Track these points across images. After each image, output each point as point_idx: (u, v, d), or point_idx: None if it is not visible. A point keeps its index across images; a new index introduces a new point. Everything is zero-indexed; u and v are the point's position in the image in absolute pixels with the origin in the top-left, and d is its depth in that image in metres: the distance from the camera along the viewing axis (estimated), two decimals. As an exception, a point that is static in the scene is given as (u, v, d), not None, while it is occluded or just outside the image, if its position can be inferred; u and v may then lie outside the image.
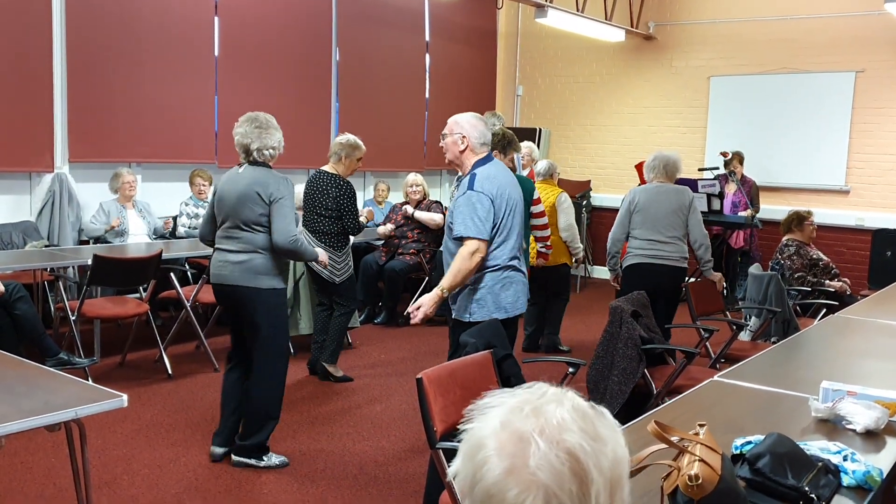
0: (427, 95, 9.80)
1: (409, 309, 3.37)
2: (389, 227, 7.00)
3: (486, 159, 3.54)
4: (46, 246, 6.05)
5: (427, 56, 9.73)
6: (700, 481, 1.62)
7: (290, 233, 3.68)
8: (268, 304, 3.72)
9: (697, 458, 1.69)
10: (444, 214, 6.90)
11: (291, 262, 5.53)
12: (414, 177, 7.29)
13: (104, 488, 3.53)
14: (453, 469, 1.00)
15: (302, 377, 5.31)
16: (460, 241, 3.39)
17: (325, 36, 8.64)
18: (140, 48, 6.96)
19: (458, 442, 1.02)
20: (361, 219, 5.25)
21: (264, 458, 3.83)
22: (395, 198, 8.73)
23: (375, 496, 3.61)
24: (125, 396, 2.58)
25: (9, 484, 3.54)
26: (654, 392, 3.71)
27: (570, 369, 3.20)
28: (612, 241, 5.14)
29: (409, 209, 7.06)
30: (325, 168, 5.15)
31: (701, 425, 1.85)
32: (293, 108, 8.36)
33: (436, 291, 3.34)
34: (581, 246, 6.17)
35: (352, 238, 5.38)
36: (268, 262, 3.70)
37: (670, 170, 5.00)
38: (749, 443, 2.09)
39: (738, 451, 2.08)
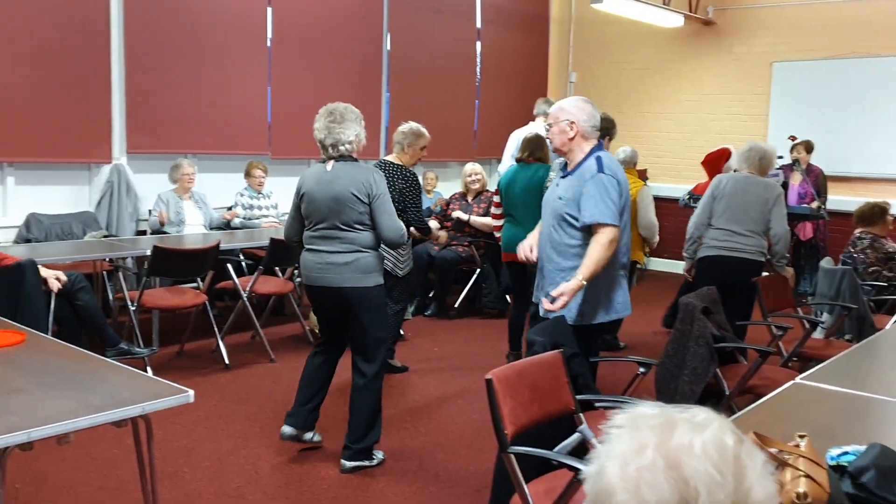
0: (478, 83, 9.69)
1: (554, 293, 3.17)
2: (444, 234, 6.81)
3: (599, 147, 3.42)
4: (105, 236, 6.12)
5: (478, 43, 9.61)
6: (809, 500, 1.51)
7: (399, 229, 3.64)
8: (374, 301, 3.67)
9: (802, 473, 1.58)
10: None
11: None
12: (472, 166, 7.13)
13: (167, 480, 3.53)
14: None
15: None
16: (588, 229, 3.25)
17: (377, 24, 8.58)
18: (196, 39, 6.98)
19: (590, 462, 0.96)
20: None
21: (374, 455, 3.77)
22: (444, 188, 8.66)
23: (435, 493, 3.55)
24: (191, 392, 2.55)
25: (73, 474, 3.56)
26: (727, 392, 3.57)
27: (641, 369, 3.09)
28: (695, 226, 4.89)
29: (463, 216, 6.89)
30: (390, 158, 4.95)
31: (801, 436, 1.73)
32: (343, 97, 8.21)
33: (577, 280, 3.16)
34: (658, 240, 5.88)
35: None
36: (373, 260, 3.64)
37: (764, 163, 4.78)
38: (846, 453, 1.96)
39: (834, 463, 1.95)
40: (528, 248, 3.59)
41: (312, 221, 3.65)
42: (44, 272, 4.35)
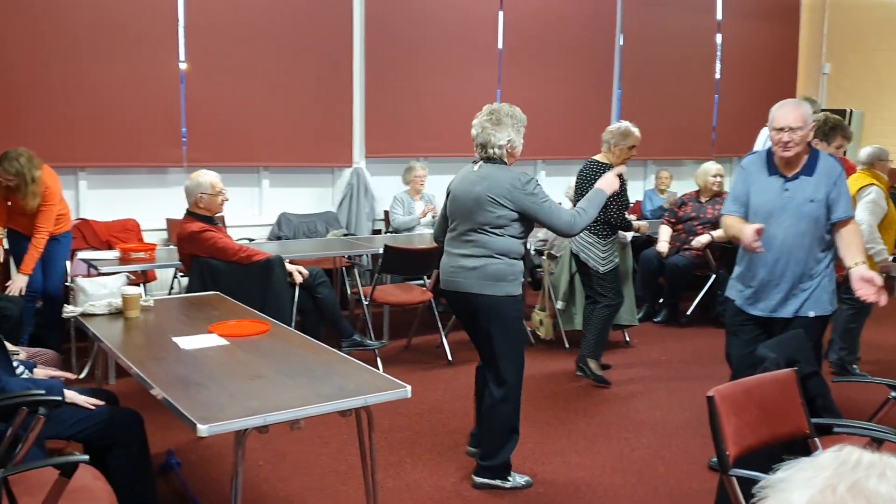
0: (718, 77, 9.19)
1: (865, 279, 3.16)
2: (644, 224, 6.44)
3: (817, 153, 3.51)
4: (345, 235, 6.56)
5: (718, 36, 9.12)
6: None
7: (568, 222, 3.41)
8: (504, 312, 3.45)
9: None
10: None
11: (567, 255, 5.44)
12: (716, 166, 6.67)
13: (389, 469, 3.70)
14: None
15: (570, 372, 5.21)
16: (832, 225, 3.38)
17: (609, 22, 8.43)
18: (429, 46, 7.28)
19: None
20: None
21: (509, 478, 3.54)
22: (678, 187, 8.30)
23: (655, 509, 3.41)
24: (409, 388, 2.65)
25: (306, 457, 3.84)
26: None
27: (893, 394, 2.75)
28: None
29: (704, 239, 6.33)
30: (597, 157, 4.93)
31: None
32: (573, 96, 8.27)
33: (863, 266, 3.22)
34: (881, 247, 5.10)
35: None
36: (504, 268, 3.42)
37: None
38: None
39: None
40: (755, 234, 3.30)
41: (453, 222, 3.54)
42: (289, 267, 4.73)
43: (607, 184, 3.64)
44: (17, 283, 4.83)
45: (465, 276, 3.45)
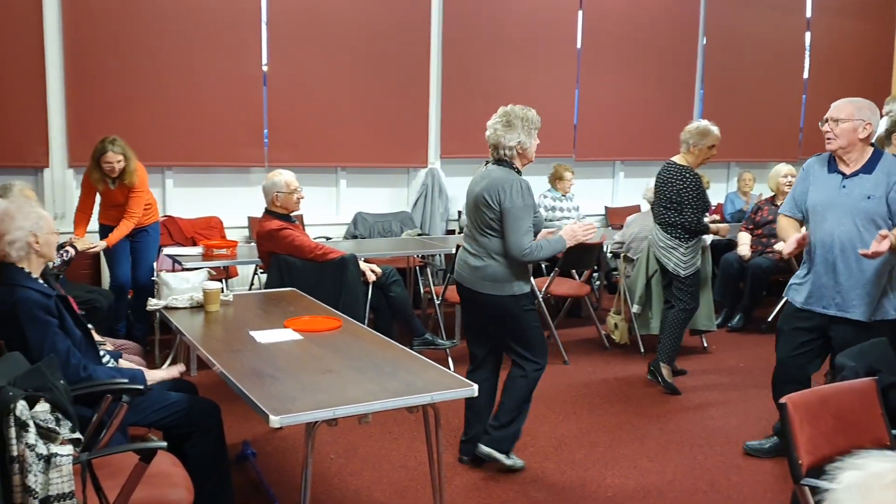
0: (806, 77, 8.90)
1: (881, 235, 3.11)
2: (725, 226, 6.24)
3: (880, 152, 3.37)
4: (419, 234, 6.62)
5: (807, 34, 8.83)
6: None
7: (521, 247, 3.41)
8: (511, 309, 3.53)
9: None
10: None
11: (644, 258, 5.36)
12: (787, 167, 6.53)
13: (457, 467, 3.73)
14: None
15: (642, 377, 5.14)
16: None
17: (692, 21, 8.27)
18: (507, 46, 7.29)
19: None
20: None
21: (511, 455, 3.69)
22: (762, 190, 8.06)
23: (727, 518, 3.33)
24: (475, 387, 2.68)
25: (377, 451, 3.90)
26: None
27: None
28: None
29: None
30: (675, 158, 4.82)
31: None
32: (654, 97, 8.15)
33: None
34: None
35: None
36: (501, 269, 3.48)
37: None
38: None
39: None
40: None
41: (467, 220, 3.71)
42: (362, 266, 4.81)
43: (571, 235, 3.63)
44: (98, 247, 5.11)
45: (470, 273, 3.59)
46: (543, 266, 6.33)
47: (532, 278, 3.76)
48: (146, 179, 5.26)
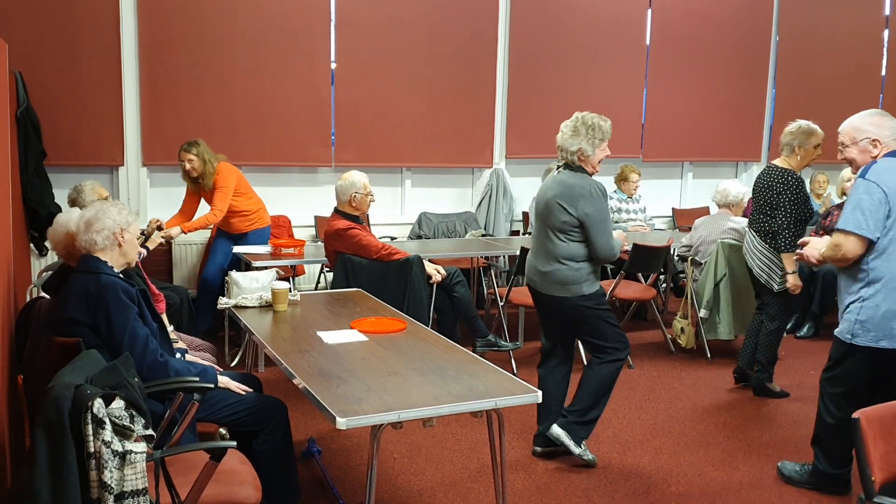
0: (884, 74, 8.60)
1: (802, 241, 3.11)
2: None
3: (894, 154, 3.15)
4: (483, 235, 6.63)
5: (886, 32, 8.53)
6: None
7: (612, 247, 3.58)
8: (582, 309, 3.65)
9: None
10: None
11: (713, 263, 5.26)
12: (849, 171, 6.33)
13: (519, 471, 3.73)
14: None
15: (727, 385, 5.03)
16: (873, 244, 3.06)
17: (764, 18, 8.08)
18: (573, 45, 7.24)
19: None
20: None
21: (583, 445, 3.76)
22: (835, 192, 7.83)
23: (796, 532, 3.25)
24: (539, 393, 2.67)
25: (440, 452, 3.93)
26: None
27: None
28: None
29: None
30: (776, 162, 4.59)
31: None
32: (724, 96, 7.99)
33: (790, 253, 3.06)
34: None
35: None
36: (569, 273, 3.61)
37: None
38: None
39: None
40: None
41: (536, 223, 3.79)
42: (428, 267, 4.85)
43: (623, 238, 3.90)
44: (172, 234, 5.29)
45: (540, 278, 3.72)
46: (609, 269, 6.26)
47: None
48: (233, 180, 5.43)
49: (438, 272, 4.88)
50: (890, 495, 2.16)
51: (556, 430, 3.76)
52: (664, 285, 6.70)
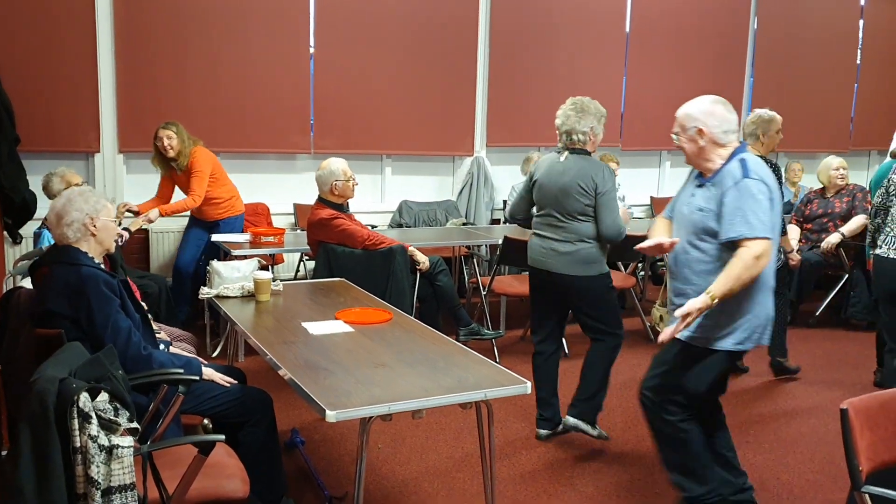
0: (858, 64, 8.69)
1: (678, 312, 2.76)
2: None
3: (742, 149, 2.97)
4: (464, 224, 6.62)
5: (860, 21, 8.61)
6: None
7: (620, 226, 3.69)
8: (598, 288, 3.78)
9: None
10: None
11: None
12: (838, 160, 6.40)
13: (505, 460, 3.74)
14: None
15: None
16: (733, 244, 2.80)
17: (743, 5, 8.11)
18: (555, 34, 7.22)
19: None
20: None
21: (596, 425, 3.90)
22: (810, 181, 7.91)
23: (777, 519, 3.30)
24: (529, 384, 2.67)
25: (425, 442, 3.93)
26: None
27: None
28: None
29: (834, 239, 6.06)
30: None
31: None
32: (703, 84, 7.98)
33: (704, 298, 2.72)
34: None
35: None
36: (594, 251, 3.73)
37: None
38: None
39: None
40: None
41: (541, 208, 3.83)
42: (417, 255, 4.82)
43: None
44: (150, 216, 5.23)
45: (557, 259, 3.75)
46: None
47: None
48: (209, 165, 5.36)
49: (425, 262, 4.86)
50: (876, 484, 2.18)
51: (571, 420, 3.89)
52: (642, 273, 6.75)
